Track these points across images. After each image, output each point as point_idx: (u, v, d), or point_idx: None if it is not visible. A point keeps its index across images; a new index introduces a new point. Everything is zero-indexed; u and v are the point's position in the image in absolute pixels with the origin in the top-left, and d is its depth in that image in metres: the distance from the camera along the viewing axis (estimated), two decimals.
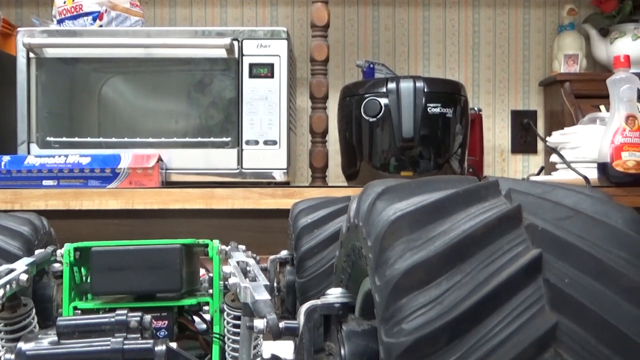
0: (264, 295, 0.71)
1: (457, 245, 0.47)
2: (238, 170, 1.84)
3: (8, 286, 0.84)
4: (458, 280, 0.45)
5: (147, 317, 0.71)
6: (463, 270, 0.46)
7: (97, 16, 1.92)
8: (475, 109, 2.27)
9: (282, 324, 0.66)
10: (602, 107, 2.11)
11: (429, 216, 0.50)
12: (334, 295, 0.67)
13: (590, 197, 0.52)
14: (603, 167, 1.81)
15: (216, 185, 1.80)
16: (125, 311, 0.70)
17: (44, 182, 1.77)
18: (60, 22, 1.95)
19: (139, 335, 0.69)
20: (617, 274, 0.45)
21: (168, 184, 1.83)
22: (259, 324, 0.65)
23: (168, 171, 1.84)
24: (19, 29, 1.89)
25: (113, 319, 0.69)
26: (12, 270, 0.88)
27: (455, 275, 0.46)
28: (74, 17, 1.93)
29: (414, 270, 0.46)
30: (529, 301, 0.45)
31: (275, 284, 1.24)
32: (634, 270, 0.46)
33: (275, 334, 0.64)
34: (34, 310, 0.92)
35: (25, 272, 0.88)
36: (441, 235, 0.48)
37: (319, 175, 1.94)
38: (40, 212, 1.66)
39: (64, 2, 1.95)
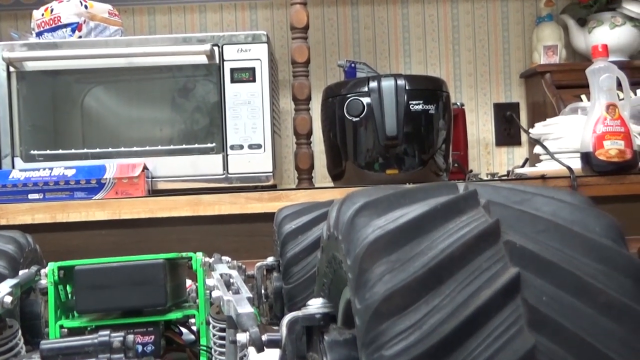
0: (247, 308, 0.71)
1: (435, 267, 0.47)
2: (224, 176, 1.84)
3: None
4: (437, 303, 0.46)
5: (130, 337, 0.71)
6: (442, 293, 0.46)
7: (76, 27, 1.92)
8: (458, 103, 2.27)
9: (264, 337, 0.66)
10: (583, 97, 2.12)
11: (407, 235, 0.50)
12: (315, 306, 0.68)
13: (568, 204, 0.52)
14: (586, 157, 1.82)
15: (203, 192, 1.79)
16: (107, 332, 0.70)
17: (30, 196, 1.76)
18: (39, 34, 1.94)
19: (122, 355, 0.69)
20: (595, 290, 0.46)
21: (154, 192, 1.83)
22: (242, 337, 0.65)
23: (154, 179, 1.84)
24: None
25: (96, 340, 0.69)
26: None
27: (435, 298, 0.46)
28: (53, 29, 1.92)
29: (393, 295, 0.46)
30: (507, 322, 0.45)
31: (262, 291, 1.25)
32: (612, 285, 0.46)
33: (258, 347, 0.64)
34: (19, 332, 0.92)
35: (9, 294, 0.88)
36: (420, 255, 0.48)
37: (305, 177, 1.95)
38: (26, 226, 1.66)
39: (42, 15, 1.94)
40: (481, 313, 0.46)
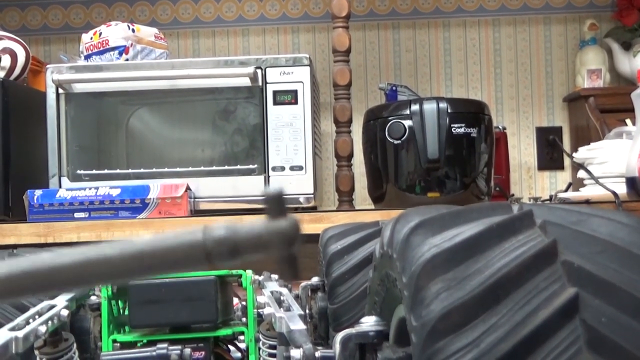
0: (299, 325, 0.72)
1: (492, 285, 0.47)
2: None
3: (50, 322, 0.86)
4: (494, 322, 0.46)
5: (187, 350, 0.73)
6: (499, 312, 0.46)
7: (123, 50, 1.96)
8: (500, 127, 2.27)
9: (318, 354, 0.67)
10: (627, 121, 2.10)
11: (463, 253, 0.50)
12: (369, 323, 0.68)
13: (626, 225, 0.52)
14: (631, 182, 1.80)
15: (244, 213, 1.81)
16: (165, 345, 0.72)
17: (76, 215, 1.80)
18: (87, 57, 1.99)
19: None
20: None
21: (197, 212, 1.85)
22: (296, 353, 0.66)
23: (196, 200, 1.86)
24: (47, 65, 1.93)
25: (154, 353, 0.71)
26: (53, 307, 0.90)
27: (491, 317, 0.46)
28: (101, 52, 1.97)
29: (450, 313, 0.47)
30: (565, 343, 0.45)
31: (307, 311, 1.25)
32: None
33: None
34: (75, 345, 0.94)
35: (66, 307, 0.90)
36: (476, 273, 0.49)
37: (345, 199, 1.95)
38: (72, 245, 1.69)
39: (91, 38, 1.99)
40: (539, 333, 0.46)
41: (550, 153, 2.46)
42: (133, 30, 2.00)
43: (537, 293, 0.48)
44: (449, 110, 1.79)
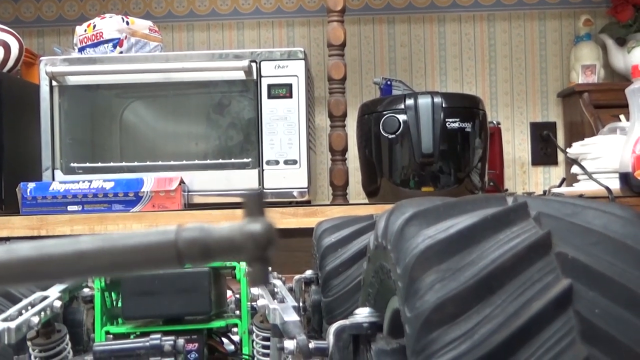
0: (293, 317, 0.72)
1: (486, 276, 0.47)
2: (259, 191, 1.85)
3: (43, 313, 0.86)
4: (488, 313, 0.46)
5: (181, 341, 0.73)
6: (493, 303, 0.46)
7: (117, 43, 1.95)
8: (494, 122, 2.27)
9: (312, 345, 0.67)
10: (621, 117, 2.10)
11: (457, 245, 0.50)
12: (362, 314, 0.68)
13: (620, 218, 0.52)
14: (625, 177, 1.80)
15: (238, 206, 1.81)
16: (159, 335, 0.72)
17: (69, 208, 1.79)
18: (81, 50, 1.98)
19: (172, 358, 0.70)
20: None
21: (190, 206, 1.85)
22: (289, 344, 0.66)
23: (190, 193, 1.86)
24: (41, 58, 1.92)
25: (147, 344, 0.71)
26: (45, 298, 0.90)
27: (485, 308, 0.46)
28: (95, 45, 1.96)
29: (444, 304, 0.47)
30: (559, 334, 0.45)
31: (300, 304, 1.25)
32: None
33: (306, 355, 0.65)
34: (67, 336, 0.94)
35: (59, 299, 0.90)
36: (470, 265, 0.49)
37: (339, 193, 1.95)
38: (65, 237, 1.69)
39: (85, 31, 1.99)
40: (533, 324, 0.46)
41: (544, 148, 2.47)
42: (127, 23, 1.99)
43: (531, 284, 0.48)
44: (443, 105, 1.80)
